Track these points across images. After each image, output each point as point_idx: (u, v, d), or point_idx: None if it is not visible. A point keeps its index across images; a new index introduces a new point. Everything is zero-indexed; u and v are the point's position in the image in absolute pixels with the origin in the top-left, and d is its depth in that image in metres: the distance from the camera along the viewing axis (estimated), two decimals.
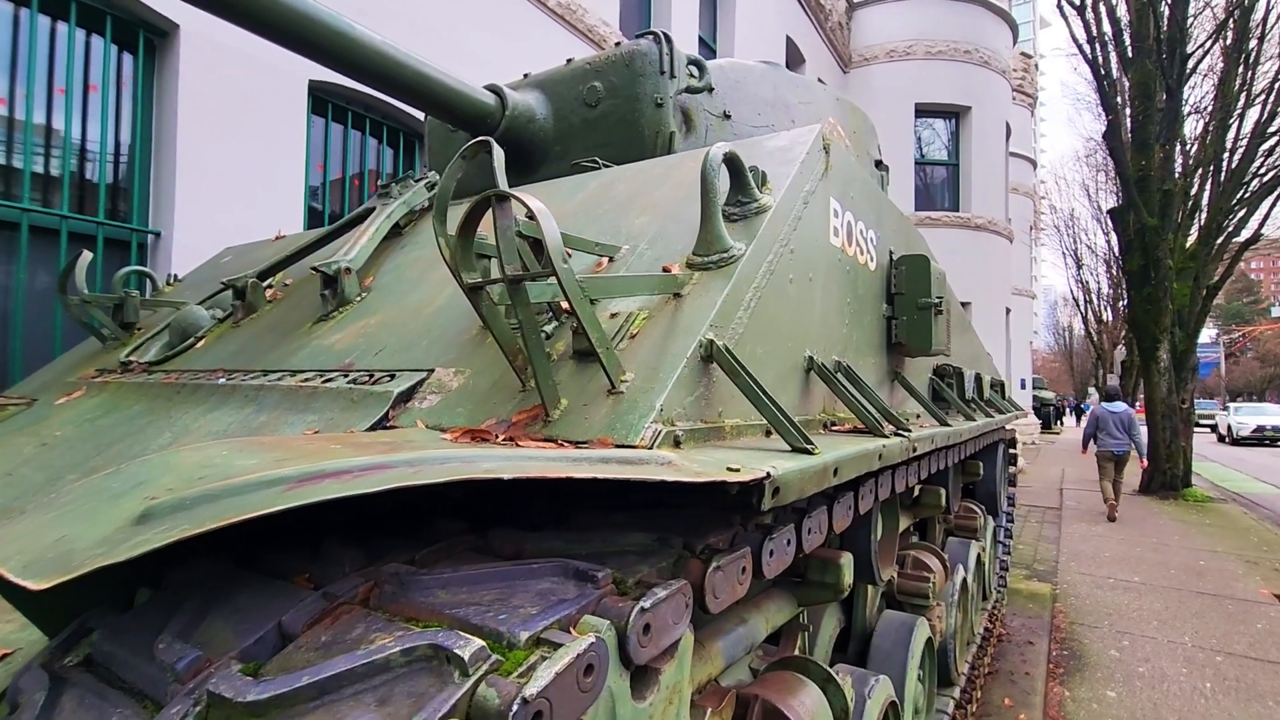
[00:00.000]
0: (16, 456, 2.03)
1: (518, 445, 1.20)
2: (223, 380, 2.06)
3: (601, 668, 0.78)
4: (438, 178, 2.86)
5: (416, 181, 2.80)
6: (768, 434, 1.59)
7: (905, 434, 1.83)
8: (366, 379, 1.72)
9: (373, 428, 1.52)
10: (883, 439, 1.70)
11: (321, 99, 5.55)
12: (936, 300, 2.62)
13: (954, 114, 16.12)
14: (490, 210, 1.17)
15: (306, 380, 1.84)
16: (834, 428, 1.96)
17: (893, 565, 2.90)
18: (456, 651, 0.68)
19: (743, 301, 1.52)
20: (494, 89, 3.23)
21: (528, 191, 2.86)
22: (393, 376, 1.69)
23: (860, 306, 2.35)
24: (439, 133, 3.89)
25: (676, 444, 1.20)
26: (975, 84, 15.99)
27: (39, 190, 4.23)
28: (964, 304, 14.70)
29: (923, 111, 16.00)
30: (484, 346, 1.62)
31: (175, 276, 3.57)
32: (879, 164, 4.44)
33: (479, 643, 0.70)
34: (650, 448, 1.15)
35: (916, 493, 3.76)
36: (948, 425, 2.62)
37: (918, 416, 3.07)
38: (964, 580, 4.14)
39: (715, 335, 1.39)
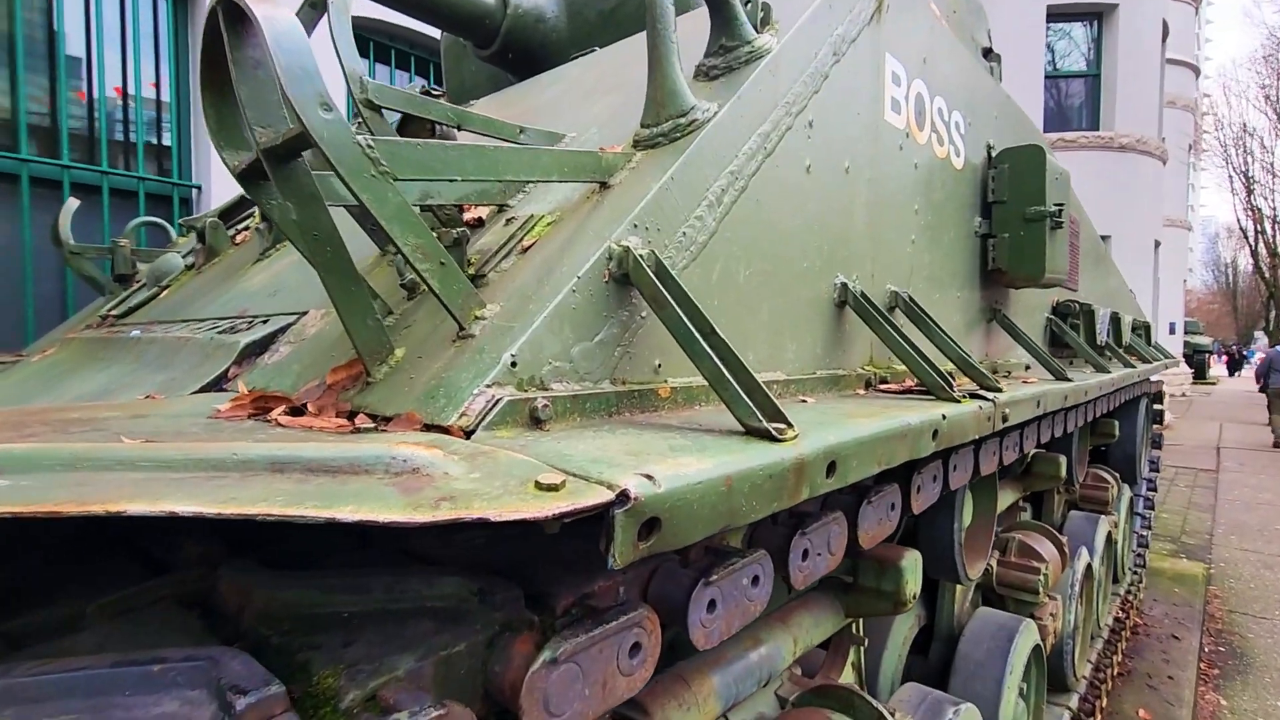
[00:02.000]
0: None
1: (288, 425, 0.74)
2: (136, 333, 1.75)
3: None
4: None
5: None
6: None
7: (988, 397, 1.22)
8: (231, 328, 1.32)
9: (206, 388, 1.13)
10: (946, 404, 1.11)
11: (362, 38, 5.24)
12: (1053, 209, 1.90)
13: (1095, 15, 13.80)
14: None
15: (197, 330, 1.48)
16: (881, 387, 1.37)
17: (987, 557, 2.27)
18: None
19: (705, 192, 0.96)
20: None
21: (509, 93, 2.37)
22: (266, 322, 1.29)
23: (938, 217, 1.70)
24: (452, 50, 3.44)
25: (536, 421, 0.70)
26: None
27: (79, 149, 4.19)
28: (1103, 238, 12.68)
29: (1056, 15, 13.79)
30: (378, 272, 1.18)
31: (182, 227, 3.39)
32: (988, 53, 3.55)
33: None
34: (472, 430, 0.65)
35: (1027, 460, 3.04)
36: (1066, 380, 1.93)
37: (1027, 368, 2.37)
38: (1088, 566, 3.39)
39: (641, 242, 0.86)
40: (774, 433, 0.68)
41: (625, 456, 0.58)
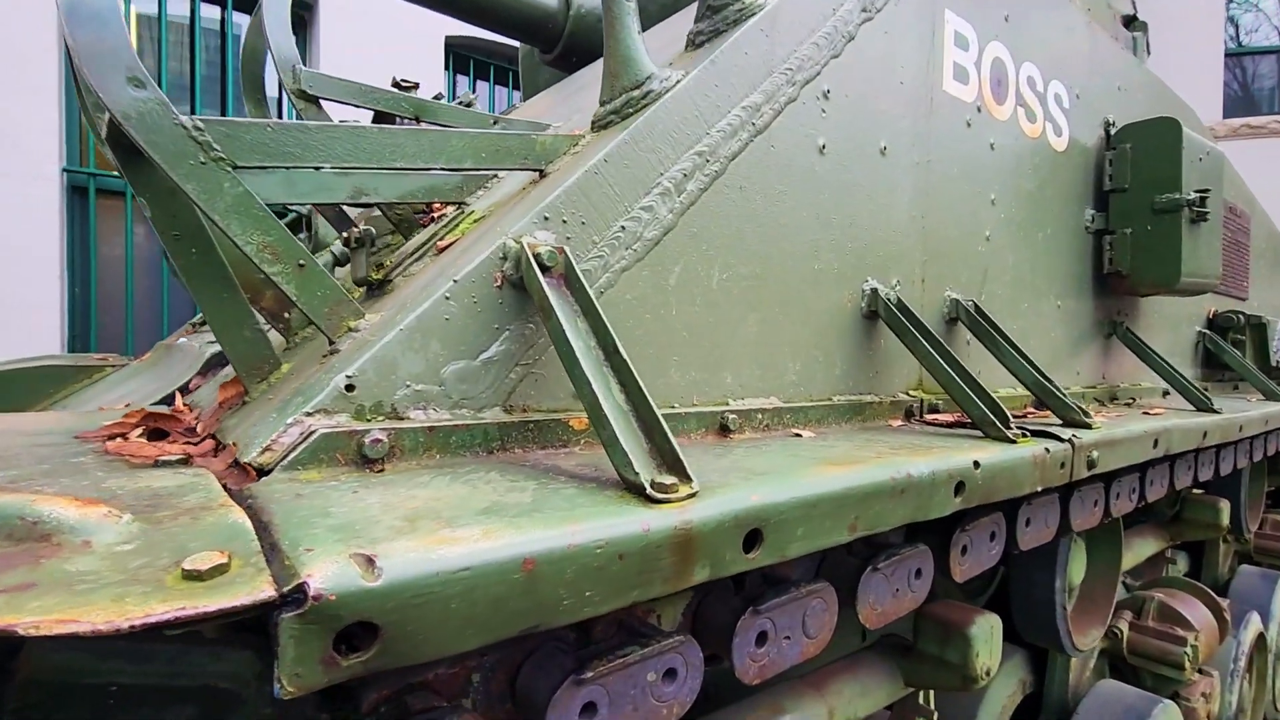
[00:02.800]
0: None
1: (113, 451, 0.65)
2: (184, 341, 1.82)
3: None
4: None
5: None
6: (730, 429, 0.84)
7: (1063, 437, 0.94)
8: None
9: (165, 400, 1.09)
10: (995, 445, 0.85)
11: (462, 55, 5.44)
12: (1193, 197, 1.51)
13: None
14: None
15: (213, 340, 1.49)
16: (929, 417, 1.11)
17: (1105, 622, 1.87)
18: None
19: (658, 177, 0.78)
20: None
21: (552, 91, 2.27)
22: None
23: (1029, 209, 1.40)
24: (528, 60, 3.44)
25: (366, 459, 0.56)
26: None
27: None
28: None
29: None
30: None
31: None
32: (1130, 21, 3.03)
33: None
34: (269, 469, 0.52)
35: (1176, 506, 2.54)
36: (1210, 410, 1.52)
37: (1165, 394, 1.93)
38: (1260, 635, 2.77)
39: (553, 238, 0.69)
40: (653, 490, 0.50)
41: (398, 522, 0.42)
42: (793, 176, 0.93)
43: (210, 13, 4.68)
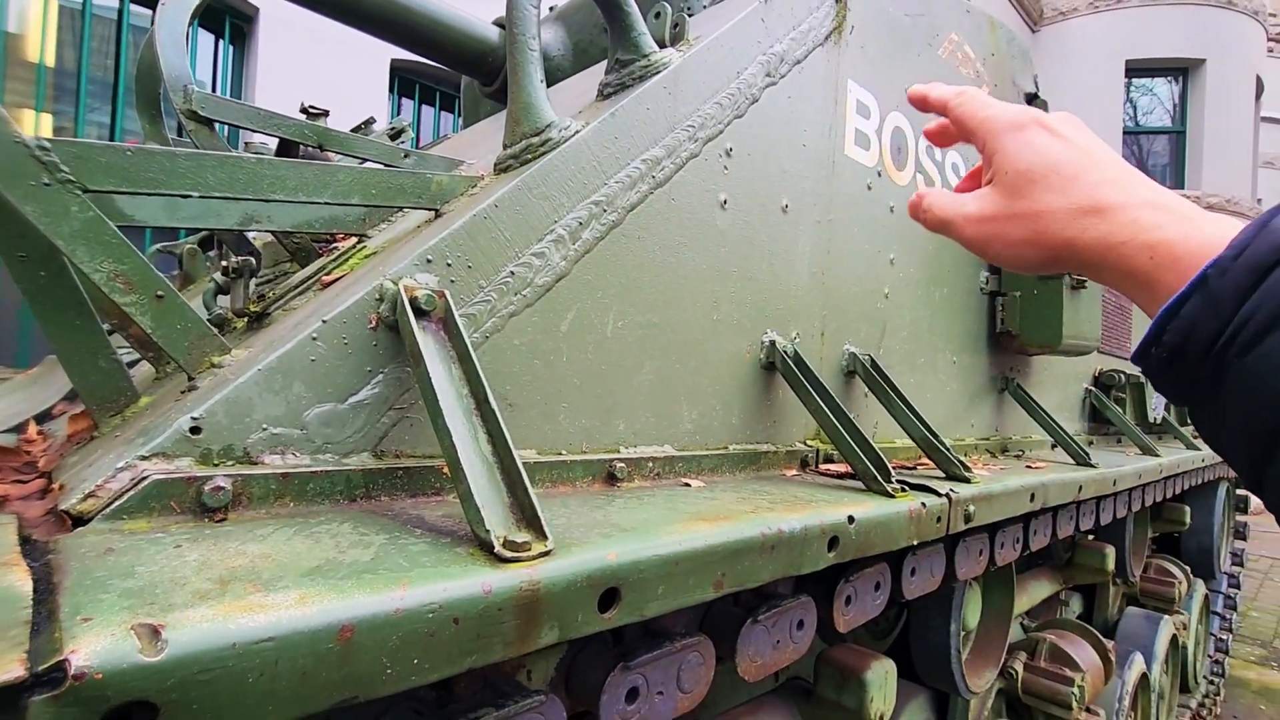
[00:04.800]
0: None
1: None
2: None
3: None
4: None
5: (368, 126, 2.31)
6: (618, 478, 0.84)
7: (940, 491, 0.98)
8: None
9: (19, 427, 1.01)
10: (874, 499, 0.88)
11: (408, 79, 5.39)
12: None
13: (1180, 70, 13.16)
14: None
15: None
16: (823, 467, 1.14)
17: (999, 664, 1.94)
18: None
19: (553, 224, 0.78)
20: (501, 23, 2.68)
21: (479, 127, 2.27)
22: None
23: (927, 270, 1.47)
24: (469, 91, 3.44)
25: (205, 509, 0.53)
26: (1212, 31, 12.90)
27: None
28: None
29: (1136, 70, 13.23)
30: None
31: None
32: (1032, 98, 3.29)
33: None
34: (89, 518, 0.49)
35: (1068, 551, 2.67)
36: (1087, 464, 1.62)
37: (1054, 447, 2.05)
38: (1142, 675, 2.93)
39: (434, 280, 0.68)
40: (503, 548, 0.49)
41: (207, 585, 0.39)
42: (693, 229, 0.96)
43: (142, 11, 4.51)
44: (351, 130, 2.30)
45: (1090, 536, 2.70)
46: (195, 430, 0.55)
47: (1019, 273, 1.42)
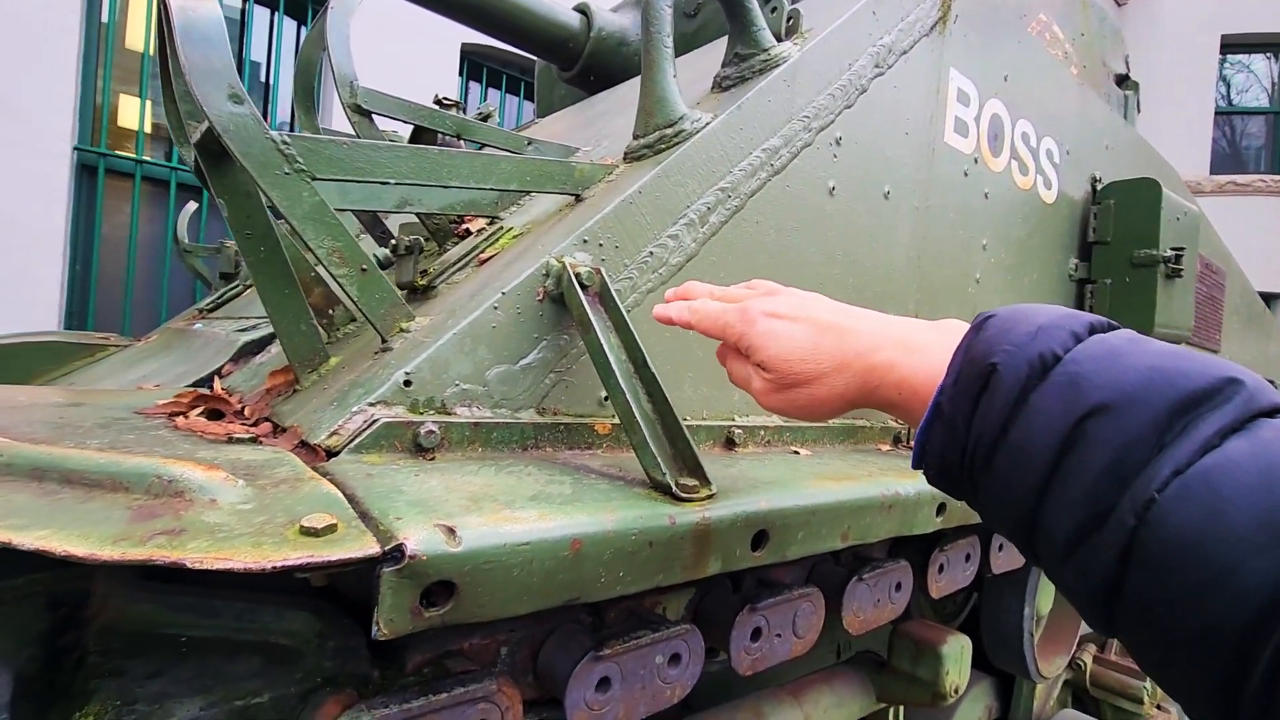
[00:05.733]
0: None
1: (182, 427, 0.71)
2: (198, 326, 1.87)
3: None
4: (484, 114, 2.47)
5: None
6: (735, 443, 0.92)
7: None
8: (254, 326, 1.36)
9: (198, 383, 1.15)
10: None
11: (476, 62, 5.53)
12: (1169, 255, 1.62)
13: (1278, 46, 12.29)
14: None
15: (235, 328, 1.55)
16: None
17: (1070, 651, 1.95)
18: None
19: (685, 209, 0.86)
20: (582, 9, 2.76)
21: (567, 112, 2.35)
22: None
23: (1018, 255, 1.49)
24: (544, 76, 3.53)
25: (419, 448, 0.63)
26: None
27: None
28: (1269, 296, 11.00)
29: (1232, 45, 12.40)
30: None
31: None
32: (1122, 80, 3.18)
33: None
34: (336, 451, 0.59)
35: None
36: None
37: None
38: None
39: (590, 259, 0.77)
40: (678, 489, 0.57)
41: (463, 501, 0.49)
42: (804, 214, 1.02)
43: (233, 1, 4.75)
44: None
45: None
46: (408, 383, 0.65)
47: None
